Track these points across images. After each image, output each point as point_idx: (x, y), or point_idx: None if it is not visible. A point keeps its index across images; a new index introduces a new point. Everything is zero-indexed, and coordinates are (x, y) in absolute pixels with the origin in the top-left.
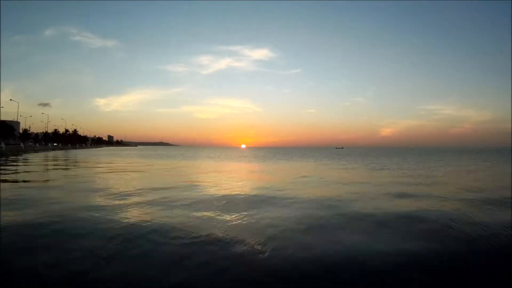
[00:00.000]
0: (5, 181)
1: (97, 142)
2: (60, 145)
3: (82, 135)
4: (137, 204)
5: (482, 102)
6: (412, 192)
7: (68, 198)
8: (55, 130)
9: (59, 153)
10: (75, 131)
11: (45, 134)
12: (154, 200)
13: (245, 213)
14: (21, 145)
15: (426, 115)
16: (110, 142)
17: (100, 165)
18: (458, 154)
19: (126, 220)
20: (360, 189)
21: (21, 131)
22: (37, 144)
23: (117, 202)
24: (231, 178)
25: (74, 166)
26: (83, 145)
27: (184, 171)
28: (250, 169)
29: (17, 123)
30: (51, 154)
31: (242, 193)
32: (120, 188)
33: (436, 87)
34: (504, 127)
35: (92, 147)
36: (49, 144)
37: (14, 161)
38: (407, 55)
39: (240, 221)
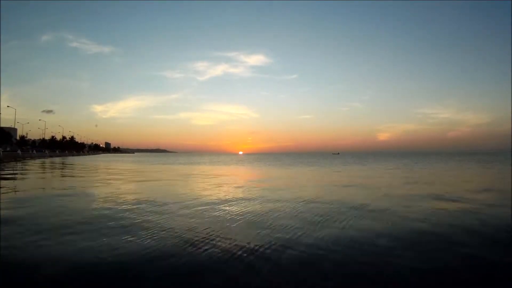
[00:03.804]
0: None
1: (94, 149)
2: (57, 151)
3: (79, 141)
4: None
5: (480, 105)
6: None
7: None
8: (52, 137)
9: (57, 160)
10: (72, 138)
11: (43, 140)
12: None
13: None
14: (18, 151)
15: (424, 118)
16: (108, 149)
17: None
18: (449, 157)
19: None
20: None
21: (18, 137)
22: (34, 151)
23: None
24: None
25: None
26: (81, 152)
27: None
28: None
29: (14, 129)
30: (48, 160)
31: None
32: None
33: (433, 90)
34: (502, 129)
35: (89, 154)
36: (46, 151)
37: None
38: (403, 58)
39: None
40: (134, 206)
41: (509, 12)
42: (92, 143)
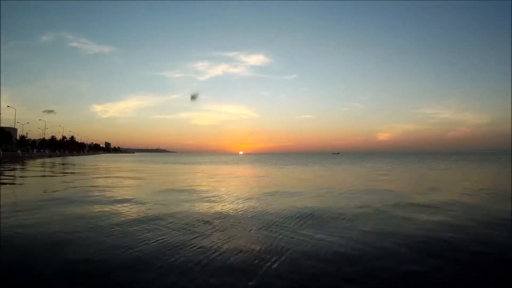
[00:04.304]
0: None
1: (95, 148)
2: (57, 151)
3: (79, 141)
4: None
5: (480, 105)
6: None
7: None
8: (52, 137)
9: (58, 160)
10: (72, 137)
11: (43, 140)
12: None
13: None
14: (18, 151)
15: (423, 119)
16: (108, 149)
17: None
18: (448, 157)
19: None
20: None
21: (18, 137)
22: (34, 151)
23: None
24: None
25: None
26: (81, 152)
27: None
28: None
29: (14, 129)
30: (50, 160)
31: None
32: None
33: (433, 90)
34: (502, 129)
35: (89, 154)
36: (46, 151)
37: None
38: (403, 58)
39: None
40: None
41: (509, 12)
42: (92, 143)
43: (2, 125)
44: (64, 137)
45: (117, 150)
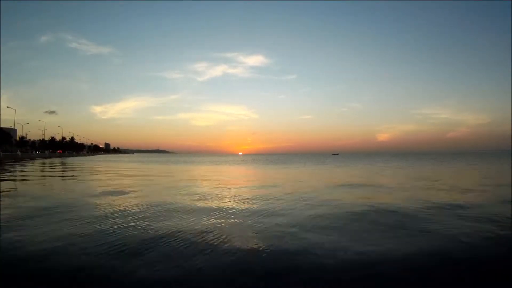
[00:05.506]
0: None
1: (94, 149)
2: (57, 152)
3: (79, 142)
4: None
5: (479, 105)
6: None
7: None
8: (52, 137)
9: (57, 161)
10: (72, 138)
11: (42, 141)
12: None
13: None
14: (18, 152)
15: (423, 119)
16: (107, 149)
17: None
18: (444, 157)
19: None
20: None
21: (17, 138)
22: (34, 152)
23: None
24: None
25: None
26: (80, 152)
27: None
28: None
29: (14, 130)
30: (49, 161)
31: None
32: None
33: (432, 91)
34: (502, 129)
35: (89, 155)
36: (46, 152)
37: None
38: (403, 58)
39: None
40: None
41: (509, 12)
42: (91, 143)
43: (2, 125)
44: (63, 138)
45: (116, 150)
